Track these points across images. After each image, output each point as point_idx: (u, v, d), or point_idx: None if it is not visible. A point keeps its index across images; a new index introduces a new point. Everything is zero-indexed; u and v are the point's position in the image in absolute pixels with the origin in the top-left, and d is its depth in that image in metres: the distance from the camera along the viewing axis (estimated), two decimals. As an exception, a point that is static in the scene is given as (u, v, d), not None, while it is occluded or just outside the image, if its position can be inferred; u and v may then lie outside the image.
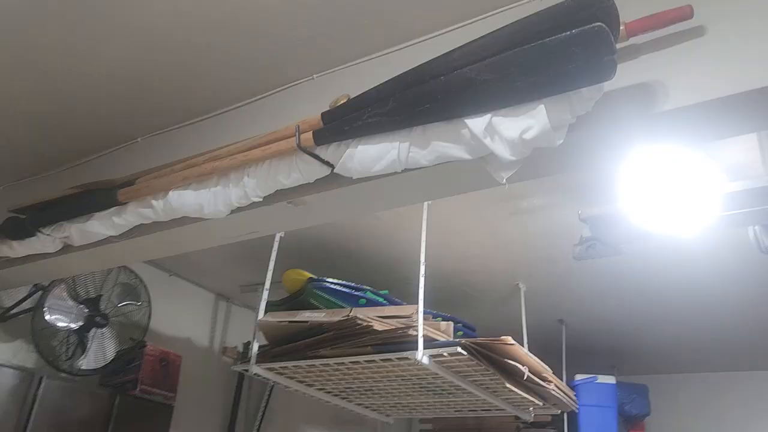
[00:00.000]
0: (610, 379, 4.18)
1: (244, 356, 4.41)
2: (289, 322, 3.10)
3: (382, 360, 2.79)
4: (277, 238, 3.34)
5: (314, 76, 2.29)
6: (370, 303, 3.31)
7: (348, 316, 2.96)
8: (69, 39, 2.20)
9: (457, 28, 1.95)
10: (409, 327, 2.72)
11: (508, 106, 1.51)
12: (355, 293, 3.31)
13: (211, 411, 4.22)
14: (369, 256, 3.70)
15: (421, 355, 2.62)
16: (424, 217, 2.90)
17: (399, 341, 2.74)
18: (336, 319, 3.00)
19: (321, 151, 1.84)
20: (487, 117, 1.53)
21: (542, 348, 3.73)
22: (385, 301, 3.36)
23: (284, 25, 2.10)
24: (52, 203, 2.50)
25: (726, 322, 3.99)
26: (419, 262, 3.68)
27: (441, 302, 3.83)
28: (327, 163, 1.86)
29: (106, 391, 3.33)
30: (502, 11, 1.85)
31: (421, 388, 3.19)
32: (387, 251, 3.63)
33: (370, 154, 1.74)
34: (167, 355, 3.70)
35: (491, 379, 2.92)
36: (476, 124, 1.54)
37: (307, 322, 3.06)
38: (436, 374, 2.85)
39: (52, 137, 2.81)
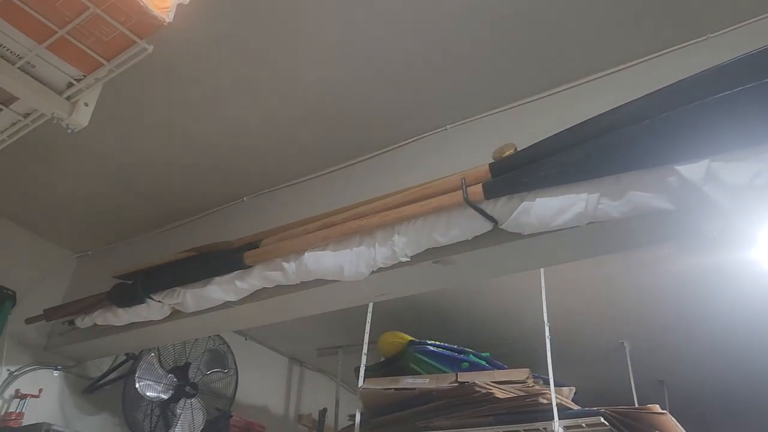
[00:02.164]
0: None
1: (320, 425, 4.19)
2: (395, 389, 2.88)
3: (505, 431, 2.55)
4: (371, 304, 3.15)
5: (447, 126, 2.17)
6: (473, 366, 3.09)
7: (460, 382, 2.75)
8: (187, 96, 2.12)
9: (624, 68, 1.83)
10: (538, 394, 2.49)
11: (732, 149, 1.36)
12: (458, 356, 3.10)
13: (290, 485, 3.97)
14: (463, 315, 3.50)
15: (557, 426, 2.38)
16: (542, 274, 2.72)
17: (527, 410, 2.51)
18: (446, 385, 2.79)
19: (487, 206, 1.69)
20: (704, 162, 1.38)
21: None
22: (487, 365, 3.14)
23: (424, 75, 1.99)
24: (162, 268, 2.36)
25: None
26: (517, 321, 3.51)
27: (536, 363, 3.60)
28: (491, 219, 1.72)
29: (194, 467, 3.11)
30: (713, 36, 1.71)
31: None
32: (482, 309, 3.43)
33: (550, 208, 1.59)
34: (252, 426, 3.48)
35: (626, 452, 2.65)
36: (692, 170, 1.38)
37: (414, 389, 2.85)
38: (566, 445, 2.60)
39: (151, 199, 2.72)
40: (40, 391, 2.81)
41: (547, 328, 2.64)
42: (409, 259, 1.88)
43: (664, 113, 1.40)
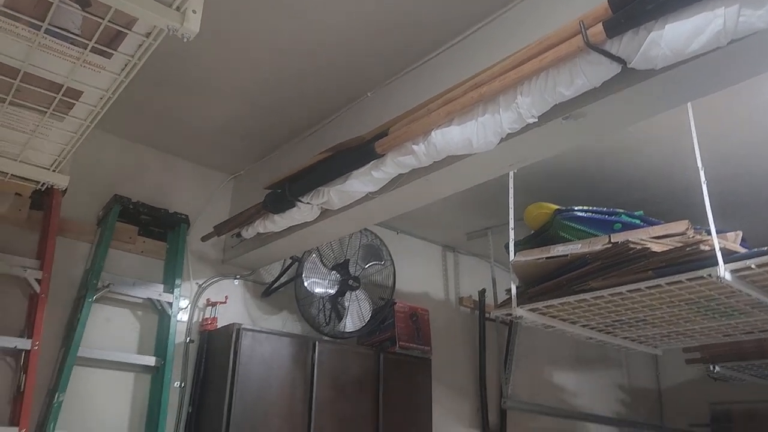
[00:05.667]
0: None
1: (481, 304, 4.35)
2: (546, 258, 2.89)
3: (668, 284, 2.48)
4: (512, 174, 3.12)
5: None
6: (626, 227, 2.98)
7: (613, 242, 2.69)
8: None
9: None
10: (699, 242, 2.38)
11: None
12: (609, 218, 3.00)
13: (461, 360, 4.21)
14: (610, 178, 3.37)
15: (723, 271, 2.27)
16: (690, 110, 2.49)
17: (688, 260, 2.41)
18: (598, 247, 2.74)
19: (612, 46, 1.58)
20: None
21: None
22: (642, 223, 3.02)
23: None
24: (305, 172, 2.51)
25: None
26: (669, 176, 3.31)
27: (695, 217, 3.40)
28: (618, 59, 1.60)
29: (370, 350, 3.39)
30: None
31: (707, 311, 2.83)
32: (630, 168, 3.27)
33: (683, 32, 1.45)
34: (416, 311, 3.70)
35: (805, 290, 2.49)
36: None
37: (566, 255, 2.83)
38: (735, 292, 2.48)
39: (280, 113, 2.85)
40: (226, 298, 3.19)
41: (702, 173, 2.47)
42: (536, 120, 1.83)
43: None
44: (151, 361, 2.85)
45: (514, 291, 2.97)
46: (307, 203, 2.52)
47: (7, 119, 1.64)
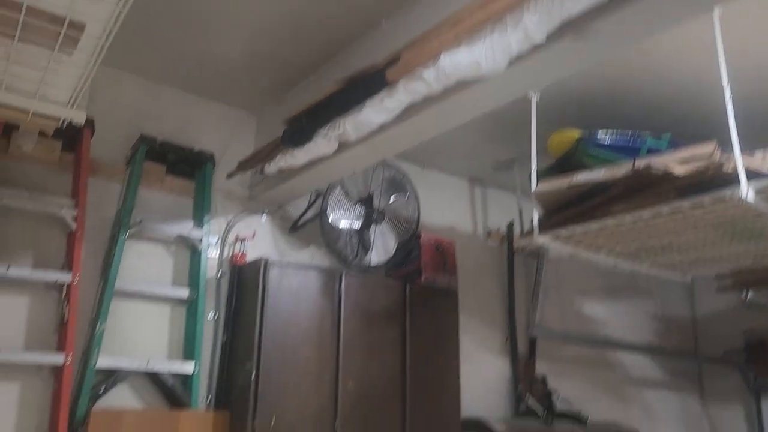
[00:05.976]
0: None
1: (509, 238, 4.35)
2: (568, 186, 2.87)
3: (691, 207, 2.44)
4: (535, 100, 3.07)
5: None
6: (653, 151, 2.94)
7: (636, 167, 2.64)
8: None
9: None
10: (721, 163, 2.32)
11: None
12: (634, 145, 2.96)
13: (490, 293, 4.25)
14: (637, 99, 3.28)
15: (746, 191, 2.22)
16: (717, 24, 2.35)
17: (712, 182, 2.36)
18: (621, 173, 2.70)
19: (619, -46, 1.53)
20: None
21: None
22: (669, 146, 2.96)
23: None
24: (321, 104, 2.52)
25: None
26: (697, 97, 3.20)
27: (727, 142, 3.30)
28: (626, -31, 1.55)
29: (397, 281, 3.46)
30: None
31: (734, 234, 2.78)
32: (658, 89, 3.18)
33: (691, -65, 1.39)
34: (441, 243, 3.73)
35: (835, 210, 2.41)
36: None
37: (588, 182, 2.80)
38: (762, 213, 2.43)
39: (299, 46, 2.84)
40: (254, 233, 3.28)
41: (727, 90, 2.37)
42: (544, 40, 1.79)
43: None
44: (184, 293, 2.98)
45: (536, 220, 2.97)
46: (324, 136, 2.54)
47: (20, 56, 1.70)
